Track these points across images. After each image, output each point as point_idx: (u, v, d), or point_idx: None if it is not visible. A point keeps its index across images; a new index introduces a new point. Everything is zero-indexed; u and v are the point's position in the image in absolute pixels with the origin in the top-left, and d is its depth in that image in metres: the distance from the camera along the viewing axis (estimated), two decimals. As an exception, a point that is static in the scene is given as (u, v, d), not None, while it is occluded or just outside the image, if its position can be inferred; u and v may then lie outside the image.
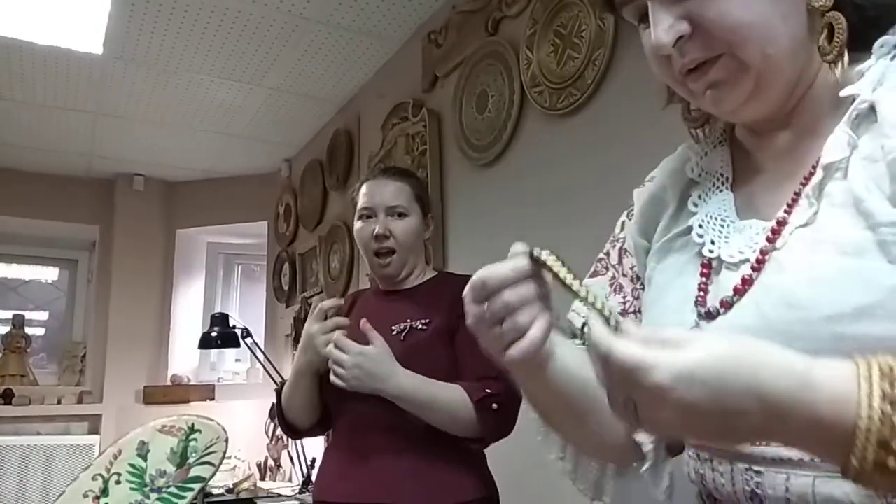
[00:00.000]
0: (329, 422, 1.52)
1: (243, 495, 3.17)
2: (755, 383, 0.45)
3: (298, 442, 3.27)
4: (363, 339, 1.38)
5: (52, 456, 3.71)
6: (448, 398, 1.33)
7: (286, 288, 3.98)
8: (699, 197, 0.70)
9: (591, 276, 0.81)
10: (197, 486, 0.57)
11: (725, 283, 0.62)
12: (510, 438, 1.40)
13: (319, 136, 3.72)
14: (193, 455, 0.57)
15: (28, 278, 4.60)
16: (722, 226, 0.65)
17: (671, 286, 0.68)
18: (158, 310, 4.35)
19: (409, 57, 2.80)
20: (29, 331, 4.26)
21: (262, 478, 3.60)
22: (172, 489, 0.57)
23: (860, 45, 0.59)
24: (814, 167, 0.58)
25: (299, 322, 3.59)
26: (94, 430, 3.97)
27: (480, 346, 1.54)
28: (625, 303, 0.76)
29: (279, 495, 3.08)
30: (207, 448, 0.57)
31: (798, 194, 0.59)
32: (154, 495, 0.56)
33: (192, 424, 0.55)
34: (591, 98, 1.85)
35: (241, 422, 3.92)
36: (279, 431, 3.65)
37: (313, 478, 3.04)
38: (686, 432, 0.51)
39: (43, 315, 4.61)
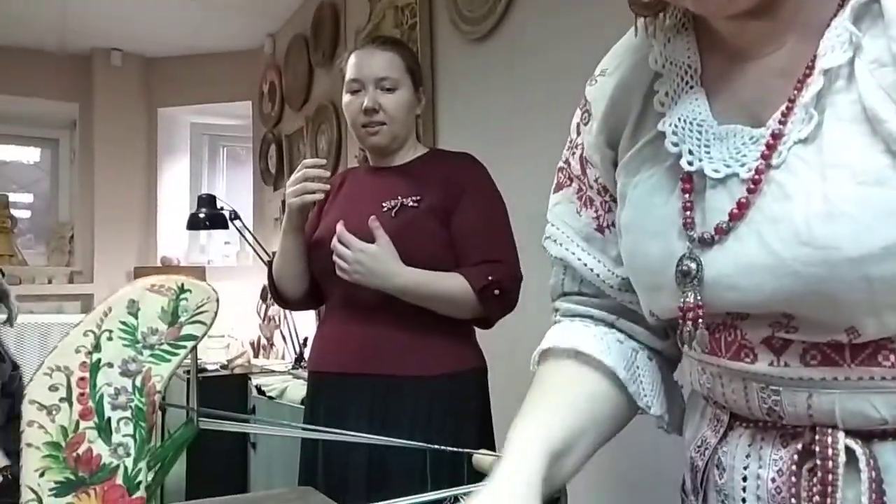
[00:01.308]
0: (321, 297, 1.53)
1: (237, 371, 3.27)
2: None
3: (291, 321, 3.33)
4: (355, 218, 1.37)
5: (47, 334, 3.77)
6: (450, 290, 1.34)
7: (273, 170, 3.92)
8: (666, 94, 0.59)
9: (556, 191, 0.73)
10: (189, 344, 0.57)
11: (715, 203, 0.54)
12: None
13: (303, 10, 3.55)
14: (185, 314, 0.56)
15: (8, 159, 4.51)
16: (699, 132, 0.56)
17: (649, 206, 0.60)
18: (144, 191, 4.31)
19: (398, -79, 2.63)
20: (14, 213, 4.22)
21: (256, 356, 3.70)
22: (165, 346, 0.56)
23: None
24: (809, 67, 0.51)
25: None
26: (87, 310, 4.00)
27: (485, 232, 1.50)
28: (597, 217, 0.68)
29: (273, 371, 3.17)
30: (198, 307, 0.56)
31: (793, 101, 0.51)
32: (147, 352, 0.56)
33: (182, 284, 0.54)
34: (591, -35, 1.75)
35: (233, 303, 3.97)
36: (271, 311, 3.72)
37: (306, 355, 3.12)
38: None
39: (27, 197, 4.55)
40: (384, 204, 1.40)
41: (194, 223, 3.24)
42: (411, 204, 1.39)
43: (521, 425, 0.62)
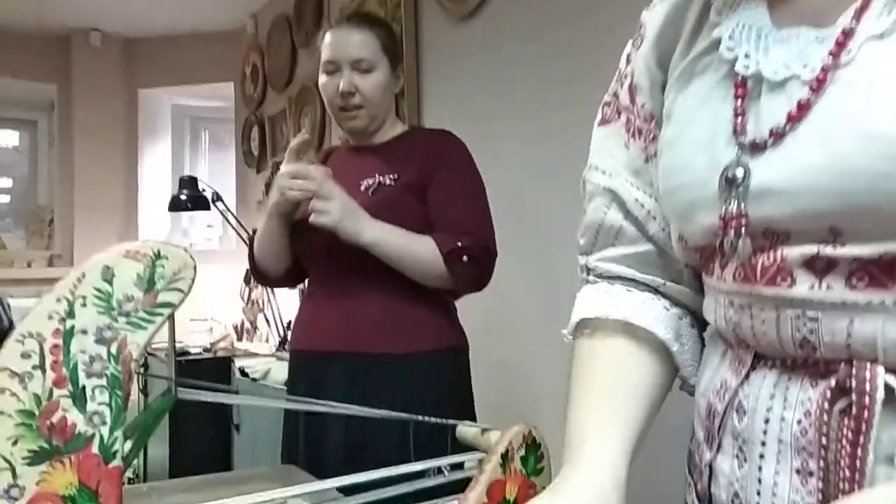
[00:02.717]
0: (301, 275, 1.52)
1: (220, 354, 3.25)
2: None
3: (274, 304, 3.31)
4: None
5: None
6: (419, 251, 1.33)
7: (256, 153, 3.88)
8: (723, 3, 0.57)
9: (601, 125, 0.69)
10: (166, 312, 0.56)
11: (771, 107, 0.51)
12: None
13: (286, -12, 3.50)
14: (161, 281, 0.55)
15: (-14, 142, 4.44)
16: (758, 36, 0.53)
17: (696, 118, 0.57)
18: (125, 174, 4.25)
19: None
20: (-8, 196, 4.16)
21: (239, 339, 3.68)
22: (141, 314, 0.55)
23: None
24: None
25: (271, 187, 3.53)
26: (68, 294, 3.97)
27: (458, 203, 1.49)
28: (645, 148, 0.65)
29: (256, 354, 3.15)
30: (175, 274, 0.54)
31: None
32: (122, 319, 0.55)
33: (159, 251, 0.53)
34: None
35: (216, 286, 3.95)
36: (255, 295, 3.69)
37: (289, 338, 3.11)
38: None
39: (6, 181, 4.48)
40: (362, 183, 1.40)
41: (176, 205, 3.21)
42: (389, 182, 1.39)
43: (592, 417, 0.60)
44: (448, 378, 1.40)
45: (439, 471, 0.79)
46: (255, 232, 1.52)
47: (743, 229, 0.51)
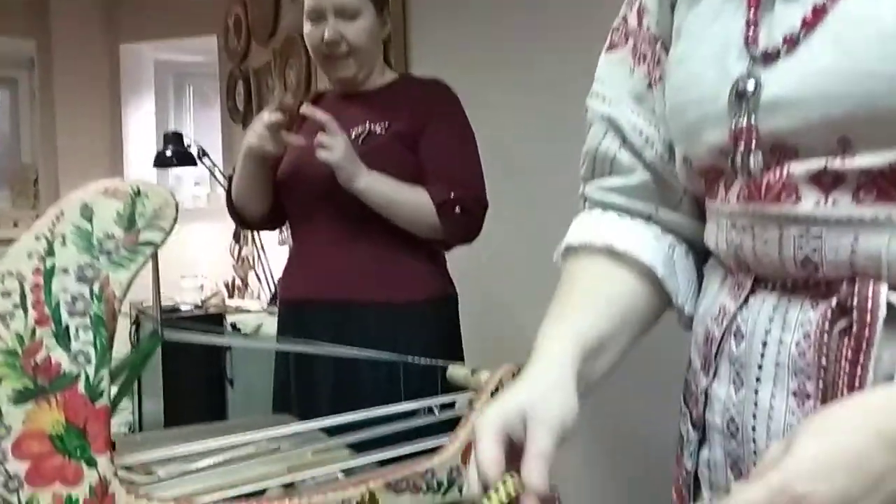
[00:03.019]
0: (281, 218, 1.51)
1: (212, 311, 3.24)
2: (875, 435, 0.40)
3: (265, 261, 3.30)
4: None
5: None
6: (411, 200, 1.33)
7: (241, 108, 3.82)
8: None
9: (608, 51, 0.68)
10: (149, 250, 0.55)
11: (786, 15, 0.50)
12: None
13: (268, -63, 3.40)
14: (141, 219, 0.53)
15: (-35, 100, 4.35)
16: None
17: (707, 33, 0.56)
18: (109, 131, 4.19)
19: None
20: (-26, 155, 4.10)
21: (231, 296, 3.67)
22: (122, 252, 0.54)
23: None
24: None
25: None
26: (56, 254, 3.95)
27: (449, 154, 1.47)
28: (649, 73, 0.63)
29: (248, 310, 3.15)
30: (156, 213, 0.53)
31: None
32: (103, 258, 0.54)
33: (138, 188, 0.51)
34: None
35: (206, 244, 3.93)
36: (245, 252, 3.68)
37: (279, 288, 3.10)
38: None
39: (-12, 142, 4.42)
40: (352, 131, 1.38)
41: (162, 161, 3.17)
42: (379, 131, 1.38)
43: (549, 325, 0.60)
44: (437, 327, 1.41)
45: (430, 410, 0.79)
46: (232, 174, 1.51)
47: (753, 143, 0.50)
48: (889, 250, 0.46)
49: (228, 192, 1.49)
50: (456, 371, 0.82)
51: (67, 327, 0.56)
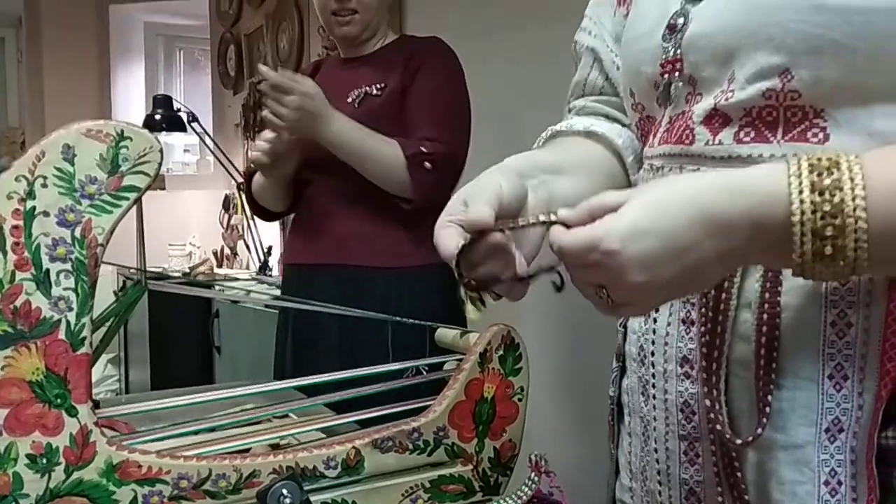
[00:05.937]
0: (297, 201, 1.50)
1: (200, 279, 3.22)
2: (696, 212, 0.44)
3: (255, 230, 3.28)
4: None
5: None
6: (382, 149, 1.30)
7: (233, 73, 3.77)
8: None
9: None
10: (132, 196, 0.53)
11: None
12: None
13: None
14: (125, 163, 0.52)
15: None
16: None
17: None
18: (97, 95, 4.12)
19: None
20: (-41, 116, 4.03)
21: (220, 265, 3.65)
22: (105, 197, 0.52)
23: None
24: None
25: (248, 109, 3.44)
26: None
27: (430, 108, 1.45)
28: (627, 15, 0.68)
29: (237, 279, 3.13)
30: (140, 157, 0.52)
31: None
32: (86, 202, 0.52)
33: (122, 131, 0.50)
34: None
35: (195, 212, 3.89)
36: (234, 220, 3.65)
37: (270, 263, 3.09)
38: (657, 295, 0.48)
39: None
40: (349, 95, 1.37)
41: (150, 125, 3.12)
42: (375, 92, 1.37)
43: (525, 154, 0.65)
44: (436, 293, 1.39)
45: (418, 371, 0.78)
46: (248, 172, 1.50)
47: (677, 74, 0.56)
48: None
49: (248, 192, 1.49)
50: (445, 333, 0.81)
51: (48, 272, 0.54)
